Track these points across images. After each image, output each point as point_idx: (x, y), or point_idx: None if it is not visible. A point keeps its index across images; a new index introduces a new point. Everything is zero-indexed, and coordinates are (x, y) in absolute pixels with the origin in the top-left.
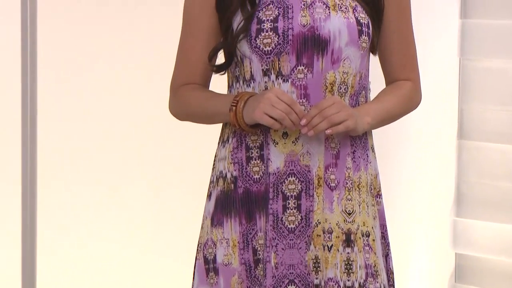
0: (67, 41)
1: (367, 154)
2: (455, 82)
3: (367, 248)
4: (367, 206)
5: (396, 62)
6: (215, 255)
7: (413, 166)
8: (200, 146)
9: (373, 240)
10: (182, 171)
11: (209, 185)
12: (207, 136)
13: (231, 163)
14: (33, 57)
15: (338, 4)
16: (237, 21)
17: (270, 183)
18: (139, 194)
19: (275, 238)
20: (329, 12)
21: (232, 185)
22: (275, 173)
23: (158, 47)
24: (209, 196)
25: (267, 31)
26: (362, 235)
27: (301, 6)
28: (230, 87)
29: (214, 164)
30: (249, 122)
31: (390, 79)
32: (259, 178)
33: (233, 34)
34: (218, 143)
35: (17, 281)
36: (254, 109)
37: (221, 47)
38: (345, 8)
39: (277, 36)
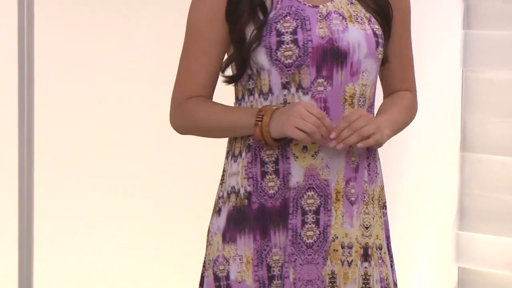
0: (65, 42)
1: (376, 166)
2: (458, 93)
3: (380, 261)
4: (379, 219)
5: (397, 73)
6: (228, 272)
7: (415, 179)
8: (201, 151)
9: (384, 252)
10: (182, 174)
11: (218, 200)
12: (208, 142)
13: (244, 178)
14: (30, 59)
15: (354, 15)
16: (251, 31)
17: (290, 198)
18: (138, 198)
19: (294, 254)
20: (346, 24)
21: (246, 201)
22: (295, 188)
23: (159, 51)
24: (218, 211)
25: (287, 43)
26: (377, 249)
27: (318, 18)
28: (239, 100)
29: (223, 179)
30: (276, 136)
31: (390, 90)
32: (274, 193)
33: (246, 44)
34: (227, 157)
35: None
36: (283, 123)
37: (235, 59)
38: (361, 19)
39: (298, 49)
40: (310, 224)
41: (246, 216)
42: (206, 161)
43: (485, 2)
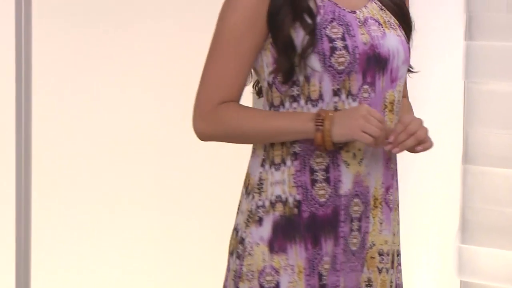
0: (63, 43)
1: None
2: (460, 105)
3: (399, 267)
4: (398, 224)
5: None
6: (278, 282)
7: (416, 191)
8: (201, 155)
9: (400, 258)
10: (184, 179)
11: (255, 209)
12: (210, 148)
13: (293, 187)
14: (27, 63)
15: (387, 21)
16: (300, 36)
17: (341, 205)
18: (139, 204)
19: (344, 262)
20: (384, 30)
21: (296, 210)
22: (346, 195)
23: (159, 53)
24: (258, 221)
25: (340, 50)
26: (397, 255)
27: (358, 24)
28: (276, 106)
29: (261, 188)
30: (338, 141)
31: None
32: (325, 201)
33: (300, 50)
34: (262, 165)
35: None
36: (350, 127)
37: (289, 64)
38: (393, 25)
39: (349, 55)
40: (355, 231)
41: (296, 225)
42: (208, 166)
43: (487, 12)
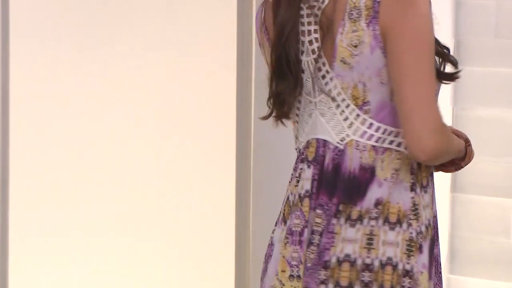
0: (41, 47)
1: None
2: None
3: None
4: None
5: None
6: None
7: None
8: (199, 157)
9: None
10: (177, 183)
11: (416, 237)
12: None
13: (431, 208)
14: (4, 62)
15: None
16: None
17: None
18: (119, 205)
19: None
20: None
21: (433, 231)
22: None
23: (150, 52)
24: (419, 249)
25: None
26: None
27: None
28: None
29: (417, 214)
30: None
31: None
32: None
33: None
34: (412, 190)
35: None
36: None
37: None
38: None
39: None
40: None
41: (435, 247)
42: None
43: (476, 38)
